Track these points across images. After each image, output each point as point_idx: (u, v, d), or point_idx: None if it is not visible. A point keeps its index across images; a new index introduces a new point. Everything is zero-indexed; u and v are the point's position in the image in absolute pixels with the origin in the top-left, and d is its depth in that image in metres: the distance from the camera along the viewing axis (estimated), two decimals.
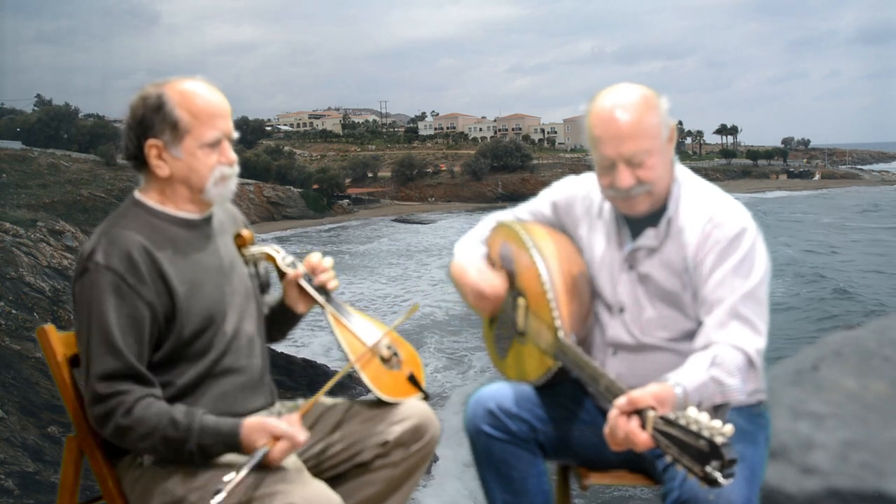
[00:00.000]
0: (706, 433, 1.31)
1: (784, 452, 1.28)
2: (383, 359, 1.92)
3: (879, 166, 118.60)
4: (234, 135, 1.80)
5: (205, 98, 1.75)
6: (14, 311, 19.62)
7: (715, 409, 1.38)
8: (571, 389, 1.92)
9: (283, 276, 1.96)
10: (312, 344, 24.89)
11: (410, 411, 1.90)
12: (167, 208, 1.79)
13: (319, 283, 1.94)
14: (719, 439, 1.29)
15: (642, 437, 1.43)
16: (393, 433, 1.87)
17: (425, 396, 1.96)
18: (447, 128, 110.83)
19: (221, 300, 1.80)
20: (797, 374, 1.49)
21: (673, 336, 1.81)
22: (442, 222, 64.54)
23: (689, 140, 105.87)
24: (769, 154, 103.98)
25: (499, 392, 1.92)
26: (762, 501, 1.51)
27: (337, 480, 1.86)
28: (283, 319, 2.01)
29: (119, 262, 1.66)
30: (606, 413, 1.51)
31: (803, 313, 26.81)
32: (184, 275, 1.74)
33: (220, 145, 1.77)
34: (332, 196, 73.27)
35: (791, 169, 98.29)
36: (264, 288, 2.02)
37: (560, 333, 1.77)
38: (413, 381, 1.94)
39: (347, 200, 74.95)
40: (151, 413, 1.64)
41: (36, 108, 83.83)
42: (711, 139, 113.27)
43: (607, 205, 1.90)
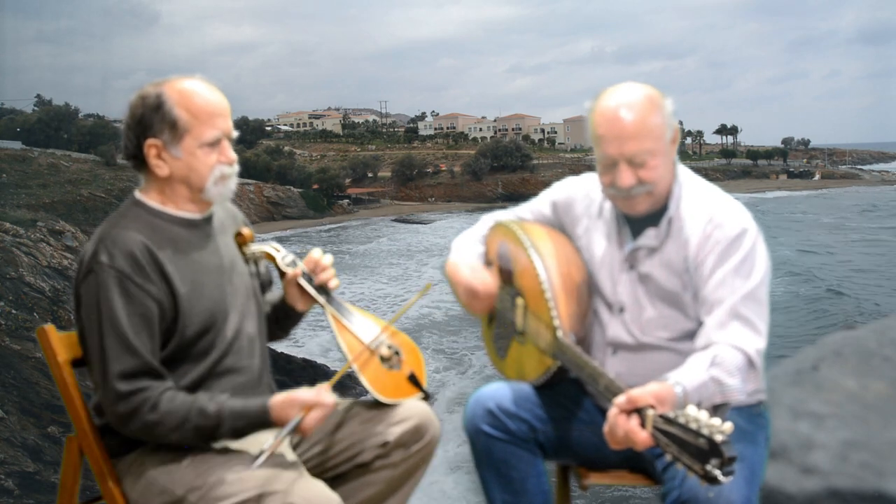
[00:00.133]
0: (706, 431, 1.31)
1: (784, 452, 1.28)
2: (383, 358, 1.91)
3: (879, 166, 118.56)
4: (234, 134, 1.80)
5: (204, 97, 1.75)
6: (14, 311, 19.62)
7: (715, 409, 1.37)
8: (571, 389, 1.92)
9: (284, 275, 1.96)
10: (310, 344, 24.89)
11: (410, 412, 1.90)
12: (167, 208, 1.79)
13: (320, 282, 1.94)
14: (719, 437, 1.29)
15: (642, 436, 1.43)
16: (393, 434, 1.87)
17: (426, 396, 1.95)
18: (447, 128, 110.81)
19: (223, 300, 1.80)
20: (797, 374, 1.49)
21: (673, 336, 1.81)
22: (442, 222, 64.54)
23: (689, 140, 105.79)
24: (769, 154, 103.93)
25: (498, 392, 1.92)
26: (762, 501, 1.51)
27: (337, 481, 1.86)
28: (285, 317, 2.01)
29: (124, 262, 1.66)
30: (606, 413, 1.51)
31: (795, 314, 26.80)
32: (185, 275, 1.74)
33: (220, 144, 1.77)
34: (332, 196, 73.28)
35: (791, 169, 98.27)
36: (266, 286, 2.02)
37: (559, 333, 1.77)
38: (413, 381, 1.93)
39: (347, 200, 74.95)
40: (177, 405, 1.66)
41: (36, 108, 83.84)
42: (711, 139, 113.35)
43: (608, 204, 1.90)
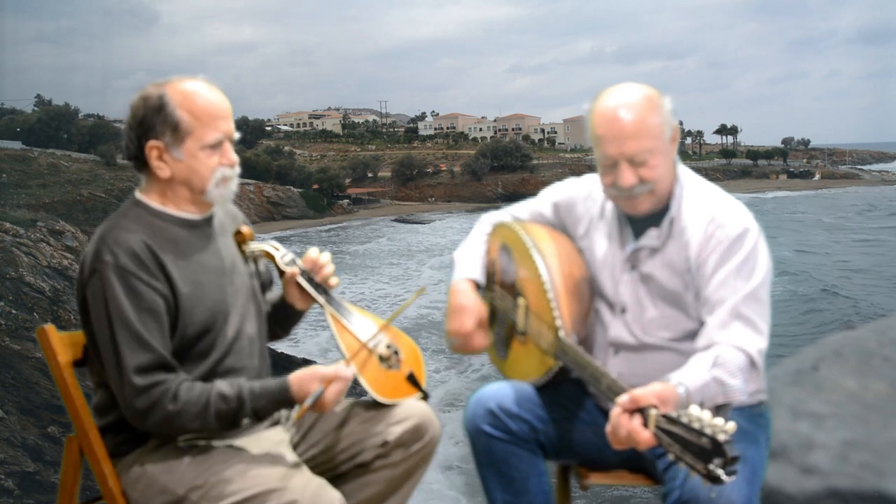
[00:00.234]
0: (708, 431, 1.31)
1: (784, 452, 1.28)
2: (382, 358, 1.91)
3: (879, 166, 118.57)
4: (236, 135, 1.80)
5: (206, 99, 1.75)
6: (14, 311, 19.62)
7: (717, 409, 1.37)
8: (572, 389, 1.92)
9: (283, 274, 1.96)
10: (308, 344, 24.85)
11: (410, 411, 1.90)
12: (168, 209, 1.78)
13: (318, 281, 1.94)
14: (722, 437, 1.29)
15: (644, 436, 1.43)
16: (393, 434, 1.87)
17: (425, 396, 1.95)
18: (447, 128, 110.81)
19: (224, 301, 1.80)
20: (797, 374, 1.49)
21: (675, 336, 1.81)
22: (441, 222, 64.54)
23: (690, 140, 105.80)
24: (769, 154, 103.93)
25: (499, 392, 1.92)
26: (763, 501, 1.51)
27: (337, 480, 1.85)
28: (285, 317, 2.01)
29: (128, 260, 1.67)
30: (607, 413, 1.51)
31: (791, 314, 26.78)
32: (186, 275, 1.74)
33: (222, 147, 1.77)
34: (332, 196, 73.29)
35: (791, 169, 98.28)
36: (266, 286, 2.02)
37: (561, 333, 1.77)
38: (413, 381, 1.93)
39: (347, 200, 74.97)
40: (196, 393, 1.67)
41: (36, 108, 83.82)
42: (711, 139, 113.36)
43: (609, 205, 1.90)
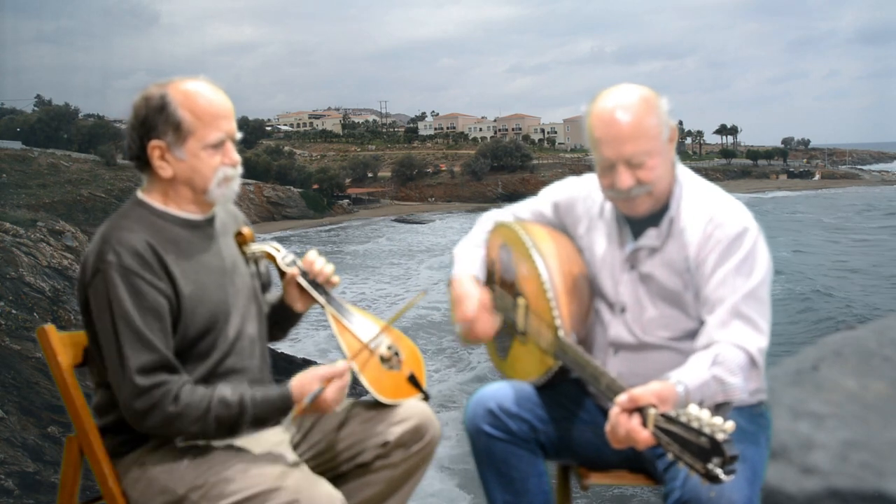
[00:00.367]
0: (707, 430, 1.31)
1: (784, 452, 1.28)
2: (383, 358, 1.91)
3: (879, 166, 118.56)
4: (238, 135, 1.80)
5: (208, 99, 1.75)
6: (14, 311, 19.61)
7: (716, 408, 1.38)
8: (572, 389, 1.93)
9: (284, 275, 1.96)
10: (307, 343, 24.85)
11: (411, 412, 1.90)
12: (170, 209, 1.79)
13: (320, 281, 1.94)
14: (721, 436, 1.29)
15: (643, 435, 1.43)
16: (393, 434, 1.87)
17: (425, 397, 1.96)
18: (447, 128, 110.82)
19: (225, 301, 1.80)
20: (797, 374, 1.49)
21: (674, 335, 1.81)
22: (442, 222, 64.56)
23: (689, 140, 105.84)
24: (769, 154, 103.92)
25: (499, 392, 1.92)
26: (763, 501, 1.51)
27: (338, 481, 1.85)
28: (284, 317, 2.01)
29: (131, 260, 1.67)
30: (607, 412, 1.51)
31: (786, 314, 26.77)
32: (189, 275, 1.74)
33: (224, 146, 1.77)
34: (332, 196, 73.30)
35: (791, 169, 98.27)
36: (265, 286, 2.02)
37: (560, 332, 1.77)
38: (413, 382, 1.94)
39: (347, 200, 74.97)
40: (198, 397, 1.66)
41: (36, 108, 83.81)
42: (711, 139, 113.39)
43: (608, 205, 1.90)
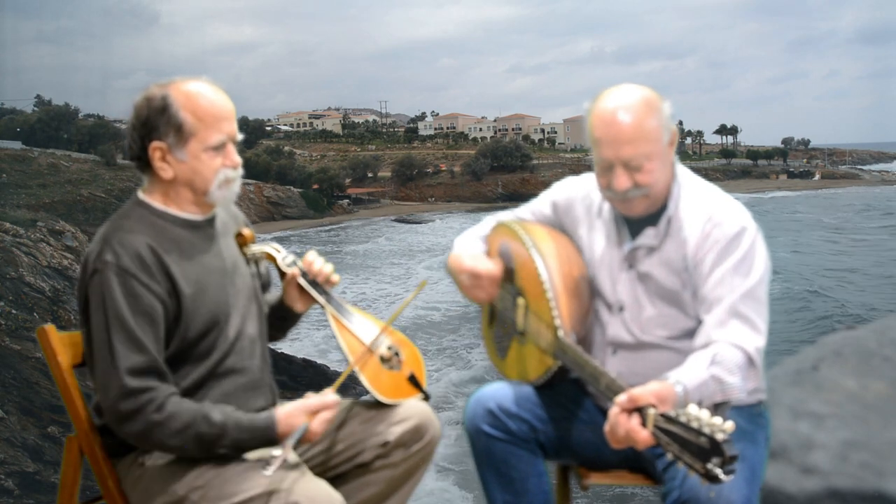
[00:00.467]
0: (707, 430, 1.31)
1: (784, 452, 1.28)
2: (383, 359, 1.91)
3: (879, 166, 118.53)
4: (239, 137, 1.79)
5: (210, 100, 1.74)
6: (14, 311, 19.61)
7: (715, 408, 1.38)
8: (571, 389, 1.93)
9: (284, 276, 1.96)
10: (306, 343, 24.86)
11: (411, 412, 1.90)
12: (171, 209, 1.78)
13: (320, 281, 1.94)
14: (720, 436, 1.29)
15: (643, 435, 1.43)
16: (393, 434, 1.87)
17: (426, 397, 1.96)
18: (447, 128, 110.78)
19: (225, 302, 1.80)
20: (797, 374, 1.49)
21: (673, 335, 1.81)
22: (442, 222, 64.57)
23: (689, 140, 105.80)
24: (769, 154, 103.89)
25: (499, 392, 1.92)
26: (762, 501, 1.51)
27: (338, 481, 1.86)
28: (283, 318, 2.01)
29: (129, 261, 1.66)
30: (606, 412, 1.51)
31: (782, 314, 26.74)
32: (189, 276, 1.74)
33: (225, 148, 1.76)
34: (332, 196, 73.29)
35: (791, 169, 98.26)
36: (265, 287, 2.02)
37: (560, 332, 1.77)
38: (413, 382, 1.94)
39: (347, 200, 74.96)
40: (184, 409, 1.63)
41: (36, 108, 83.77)
42: (711, 139, 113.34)
43: (607, 204, 1.90)
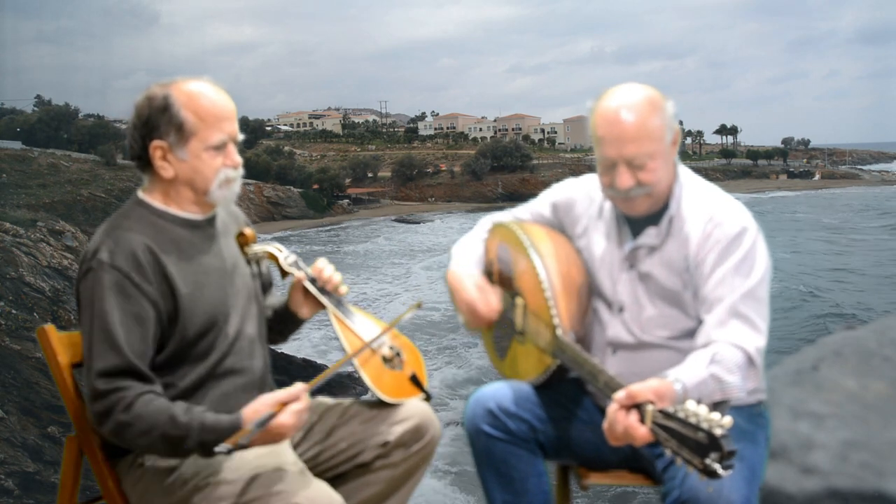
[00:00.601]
0: (705, 425, 1.31)
1: (784, 452, 1.28)
2: (385, 359, 1.92)
3: (879, 166, 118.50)
4: (240, 137, 1.80)
5: (211, 100, 1.75)
6: (14, 311, 19.62)
7: (714, 407, 1.37)
8: (571, 389, 1.93)
9: (285, 275, 1.96)
10: (306, 343, 24.86)
11: (411, 412, 1.90)
12: (171, 209, 1.78)
13: (329, 290, 1.94)
14: (718, 431, 1.29)
15: (641, 431, 1.43)
16: (393, 433, 1.87)
17: (427, 397, 1.96)
18: (447, 128, 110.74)
19: (224, 302, 1.80)
20: (797, 374, 1.49)
21: (673, 335, 1.81)
22: (442, 222, 64.57)
23: (689, 140, 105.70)
24: (769, 154, 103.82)
25: (498, 392, 1.92)
26: (762, 501, 1.51)
27: (338, 481, 1.86)
28: (284, 323, 2.01)
29: (124, 261, 1.66)
30: (606, 412, 1.52)
31: (780, 314, 26.73)
32: (187, 276, 1.74)
33: (226, 148, 1.77)
34: (332, 196, 73.24)
35: (791, 169, 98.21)
36: (266, 287, 2.02)
37: (558, 331, 1.77)
38: (415, 382, 1.94)
39: (347, 200, 74.91)
40: (151, 409, 1.62)
41: (36, 108, 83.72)
42: (711, 139, 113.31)
43: (608, 204, 1.90)
